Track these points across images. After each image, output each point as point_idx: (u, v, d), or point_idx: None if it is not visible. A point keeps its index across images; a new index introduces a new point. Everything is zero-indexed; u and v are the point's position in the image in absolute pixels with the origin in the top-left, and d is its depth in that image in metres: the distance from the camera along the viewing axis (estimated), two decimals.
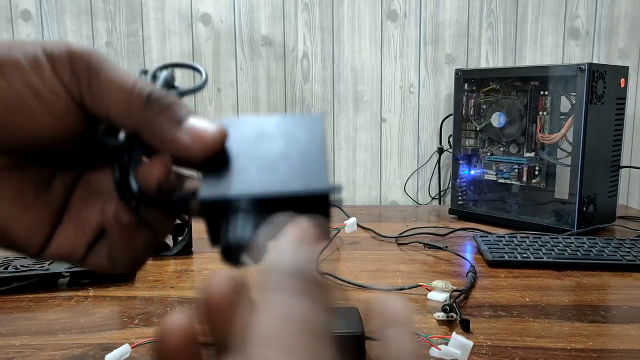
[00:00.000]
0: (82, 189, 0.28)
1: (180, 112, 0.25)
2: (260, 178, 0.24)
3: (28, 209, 0.26)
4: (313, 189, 0.24)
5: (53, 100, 0.24)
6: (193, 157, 0.24)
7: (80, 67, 0.24)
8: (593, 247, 0.86)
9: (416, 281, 0.72)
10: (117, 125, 0.25)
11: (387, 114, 1.35)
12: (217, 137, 0.25)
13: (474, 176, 1.16)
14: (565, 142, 1.01)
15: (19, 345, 0.57)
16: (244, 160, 0.25)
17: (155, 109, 0.24)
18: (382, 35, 1.32)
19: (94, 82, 0.24)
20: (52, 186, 0.27)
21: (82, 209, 0.28)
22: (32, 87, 0.23)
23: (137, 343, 0.56)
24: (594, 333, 0.60)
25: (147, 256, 0.28)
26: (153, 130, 0.24)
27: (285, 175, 0.24)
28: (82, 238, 0.27)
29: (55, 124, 0.24)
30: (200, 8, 1.31)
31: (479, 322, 0.62)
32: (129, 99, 0.24)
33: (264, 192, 0.23)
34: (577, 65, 0.97)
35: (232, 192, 0.23)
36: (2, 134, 0.23)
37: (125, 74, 0.25)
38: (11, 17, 1.29)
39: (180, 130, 0.24)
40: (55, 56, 0.24)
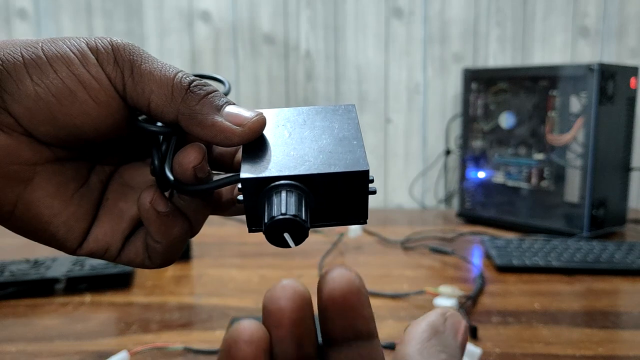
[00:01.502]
0: (117, 184, 0.29)
1: (220, 100, 0.26)
2: (300, 160, 0.25)
3: (68, 203, 0.27)
4: (354, 168, 0.24)
5: (98, 89, 0.25)
6: (233, 142, 0.25)
7: (123, 58, 0.25)
8: (603, 251, 0.85)
9: (422, 287, 0.71)
10: (158, 114, 0.26)
11: (392, 115, 1.33)
12: (257, 122, 0.26)
13: (482, 178, 1.14)
14: (575, 144, 1.00)
15: (15, 352, 0.57)
16: (283, 145, 0.26)
17: (196, 96, 0.26)
18: (387, 33, 1.31)
19: (137, 72, 0.25)
20: (89, 181, 0.28)
21: (117, 203, 0.29)
22: (79, 77, 0.24)
23: (136, 350, 0.55)
24: (604, 339, 0.59)
25: (181, 248, 0.29)
26: (194, 116, 0.25)
27: (325, 157, 0.25)
28: (118, 232, 0.28)
29: (99, 113, 0.25)
30: (200, 5, 1.29)
31: (487, 329, 0.61)
32: (171, 86, 0.25)
33: (304, 172, 0.24)
34: (587, 65, 0.95)
35: (273, 172, 0.24)
36: (50, 124, 0.25)
37: (166, 65, 0.26)
38: (7, 15, 1.28)
39: (221, 116, 0.26)
40: (100, 48, 0.25)
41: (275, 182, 0.24)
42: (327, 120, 0.28)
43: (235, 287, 0.75)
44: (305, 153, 0.25)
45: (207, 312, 0.67)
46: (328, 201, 0.25)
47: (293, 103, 1.33)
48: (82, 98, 0.25)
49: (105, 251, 0.28)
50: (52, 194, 0.26)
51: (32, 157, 0.25)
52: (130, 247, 0.29)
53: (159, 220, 0.27)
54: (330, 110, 0.28)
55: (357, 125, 0.27)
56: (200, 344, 0.57)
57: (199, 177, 0.26)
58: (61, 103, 0.24)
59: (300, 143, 0.26)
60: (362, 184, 0.24)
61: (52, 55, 0.24)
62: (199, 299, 0.71)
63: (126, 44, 0.26)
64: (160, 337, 0.59)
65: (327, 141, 0.26)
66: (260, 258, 0.86)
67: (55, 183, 0.26)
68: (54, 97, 0.24)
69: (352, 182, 0.24)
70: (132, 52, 0.26)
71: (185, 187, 0.26)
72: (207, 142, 0.26)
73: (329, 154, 0.25)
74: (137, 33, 1.30)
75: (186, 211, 0.28)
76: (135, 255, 0.29)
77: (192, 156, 0.25)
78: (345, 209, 0.25)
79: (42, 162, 0.26)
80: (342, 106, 0.29)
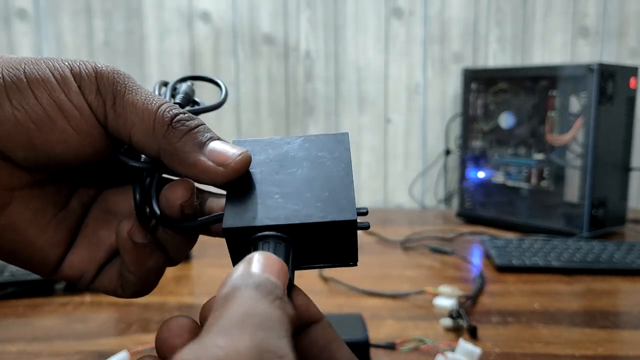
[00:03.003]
0: (99, 209, 0.28)
1: (203, 136, 0.25)
2: (286, 205, 0.24)
3: (44, 230, 0.26)
4: (340, 218, 0.23)
5: (78, 118, 0.24)
6: (216, 182, 0.25)
7: (106, 87, 0.24)
8: (603, 251, 0.85)
9: (422, 287, 0.71)
10: (139, 148, 0.25)
11: (392, 115, 1.33)
12: (241, 161, 0.25)
13: (481, 178, 1.14)
14: (574, 144, 1.00)
15: (15, 352, 0.56)
16: (268, 185, 0.25)
17: (178, 132, 0.24)
18: (387, 33, 1.31)
19: (119, 103, 0.24)
20: (70, 205, 0.27)
21: (96, 230, 0.28)
22: (59, 104, 0.24)
23: (136, 350, 0.55)
24: (604, 339, 0.59)
25: (157, 279, 0.28)
26: (175, 154, 0.24)
27: (311, 202, 0.24)
28: (94, 260, 0.28)
29: (79, 141, 0.24)
30: (200, 5, 1.29)
31: (487, 329, 0.61)
32: (153, 121, 0.24)
33: (289, 221, 0.23)
34: (587, 65, 0.95)
35: (257, 221, 0.23)
36: (29, 149, 0.24)
37: (150, 96, 0.25)
38: (7, 15, 1.28)
39: (203, 154, 0.24)
40: (83, 75, 0.24)
41: (259, 232, 0.23)
42: (318, 153, 0.26)
43: None
44: (292, 196, 0.24)
45: None
46: (316, 247, 0.24)
47: (293, 103, 1.33)
48: (62, 126, 0.24)
49: (80, 277, 0.28)
50: (28, 220, 0.26)
51: (9, 182, 0.25)
52: (104, 274, 0.28)
53: (134, 251, 0.26)
54: (322, 141, 0.27)
55: (349, 161, 0.26)
56: None
57: (186, 213, 0.25)
58: (40, 130, 0.24)
59: (288, 183, 0.25)
60: (350, 231, 0.24)
61: (34, 79, 0.23)
62: (198, 299, 0.71)
63: (110, 70, 0.25)
64: None
65: (315, 181, 0.25)
66: None
67: (32, 209, 0.26)
68: (33, 123, 0.23)
69: (339, 230, 0.24)
70: (116, 81, 0.25)
71: (171, 223, 0.26)
72: (190, 179, 0.25)
73: (316, 197, 0.24)
74: (137, 33, 1.30)
75: (166, 244, 0.28)
76: (109, 283, 0.28)
77: (179, 193, 0.25)
78: (333, 252, 0.25)
79: (20, 186, 0.25)
80: (335, 136, 0.28)
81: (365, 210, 0.25)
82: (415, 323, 0.62)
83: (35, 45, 1.28)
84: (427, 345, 0.55)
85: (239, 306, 0.18)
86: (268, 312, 0.18)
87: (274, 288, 0.19)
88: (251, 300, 0.18)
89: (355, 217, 0.23)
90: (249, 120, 1.33)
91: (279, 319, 0.18)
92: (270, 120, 1.33)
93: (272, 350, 0.16)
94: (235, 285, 0.19)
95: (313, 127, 1.33)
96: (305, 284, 0.22)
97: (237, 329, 0.17)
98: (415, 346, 0.55)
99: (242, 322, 0.17)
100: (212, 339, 0.16)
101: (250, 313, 0.17)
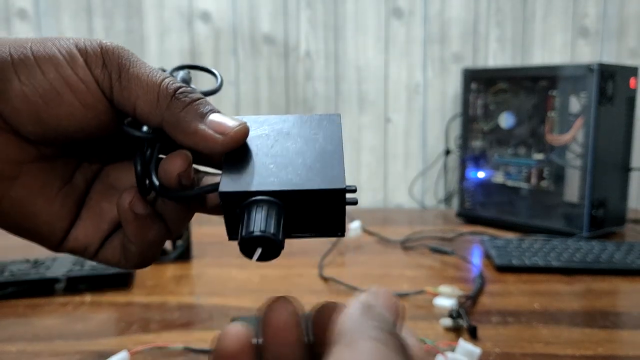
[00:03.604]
0: (101, 184, 0.29)
1: (204, 107, 0.26)
2: (279, 174, 0.25)
3: (52, 202, 0.27)
4: (330, 186, 0.24)
5: (85, 92, 0.25)
6: (215, 150, 0.26)
7: (111, 61, 0.25)
8: (603, 251, 0.85)
9: (422, 286, 0.71)
10: (143, 119, 0.26)
11: (392, 115, 1.33)
12: (239, 131, 0.26)
13: (481, 178, 1.14)
14: (574, 144, 1.00)
15: (15, 352, 0.56)
16: (264, 157, 0.26)
17: (181, 103, 0.26)
18: (387, 33, 1.31)
19: (124, 76, 0.25)
20: (74, 180, 0.29)
21: (99, 203, 0.29)
22: (65, 78, 0.25)
23: (136, 350, 0.55)
24: (604, 339, 0.59)
25: (158, 251, 0.29)
26: (177, 123, 0.25)
27: (304, 172, 0.25)
28: (98, 232, 0.29)
29: (85, 115, 0.25)
30: (200, 5, 1.29)
31: (487, 329, 0.61)
32: (157, 92, 0.25)
33: (282, 188, 0.24)
34: (587, 65, 0.95)
35: (252, 186, 0.24)
36: (37, 123, 0.25)
37: (154, 70, 0.26)
38: (7, 15, 1.28)
39: (204, 123, 0.26)
40: (88, 51, 0.25)
41: (253, 196, 0.24)
42: (311, 131, 0.28)
43: (236, 287, 0.75)
44: (286, 166, 0.26)
45: (207, 311, 0.67)
46: (306, 214, 0.25)
47: (293, 103, 1.33)
48: (69, 100, 0.25)
49: (84, 250, 0.29)
50: (36, 192, 0.27)
51: (18, 155, 0.26)
52: (108, 247, 0.29)
53: (135, 222, 0.27)
54: (315, 120, 0.29)
55: (340, 137, 0.27)
56: (200, 343, 0.57)
57: (183, 183, 0.26)
58: (48, 104, 0.24)
59: (282, 155, 0.26)
60: (339, 200, 0.25)
61: (41, 56, 0.24)
62: (199, 299, 0.71)
63: (115, 46, 0.26)
64: (160, 337, 0.59)
65: (308, 154, 0.26)
66: None
67: (40, 181, 0.27)
68: (41, 97, 0.24)
69: (328, 199, 0.25)
70: (121, 56, 0.26)
71: (168, 193, 0.27)
72: (190, 148, 0.26)
73: (308, 168, 0.25)
74: (137, 33, 1.30)
75: (166, 215, 0.29)
76: (112, 255, 0.29)
77: (177, 163, 0.26)
78: (322, 222, 0.26)
79: (28, 160, 0.26)
80: (328, 116, 0.29)
81: (354, 188, 0.26)
82: (415, 323, 0.62)
83: None
84: (427, 345, 0.55)
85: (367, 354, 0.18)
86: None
87: (391, 330, 0.20)
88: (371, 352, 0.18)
89: (344, 186, 0.24)
90: None
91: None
92: None
93: None
94: (354, 331, 0.19)
95: None
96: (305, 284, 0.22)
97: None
98: None
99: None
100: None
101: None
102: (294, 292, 0.72)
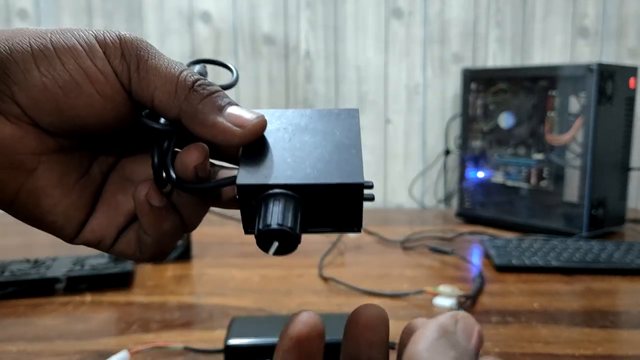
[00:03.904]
0: (117, 176, 0.29)
1: (222, 100, 0.26)
2: (297, 168, 0.25)
3: (69, 193, 0.27)
4: (348, 180, 0.24)
5: (103, 83, 0.25)
6: (233, 142, 0.26)
7: (130, 53, 0.25)
8: (602, 251, 0.85)
9: (422, 286, 0.71)
10: (161, 111, 0.26)
11: (392, 115, 1.33)
12: (257, 124, 0.26)
13: (481, 178, 1.14)
14: (574, 144, 1.00)
15: (15, 352, 0.57)
16: (282, 150, 0.26)
17: (199, 95, 0.26)
18: (387, 34, 1.31)
19: (142, 67, 0.25)
20: (90, 172, 0.29)
21: (115, 196, 0.29)
22: (85, 69, 0.25)
23: (136, 349, 0.55)
24: (603, 339, 0.59)
25: (173, 243, 0.29)
26: (196, 115, 0.25)
27: (321, 166, 0.25)
28: (113, 224, 0.29)
29: (104, 106, 0.25)
30: (200, 6, 1.29)
31: (487, 329, 0.61)
32: (175, 84, 0.25)
33: (300, 181, 0.24)
34: (586, 65, 0.96)
35: (270, 179, 0.24)
36: (56, 115, 0.25)
37: (172, 62, 0.26)
38: (7, 15, 1.28)
39: (222, 116, 0.26)
40: (108, 42, 0.25)
41: (270, 190, 0.24)
42: (329, 125, 0.28)
43: (236, 287, 0.75)
44: (303, 160, 0.25)
45: (207, 311, 0.67)
46: (322, 209, 0.25)
47: (293, 103, 1.33)
48: (88, 91, 0.25)
49: (100, 242, 0.29)
50: (54, 183, 0.27)
51: (37, 147, 0.26)
52: (123, 239, 0.29)
53: (151, 213, 0.27)
54: (333, 115, 0.28)
55: (358, 132, 0.27)
56: (200, 343, 0.57)
57: (199, 176, 0.26)
58: (67, 95, 0.25)
59: (300, 149, 0.26)
60: (357, 195, 0.25)
61: (60, 47, 0.24)
62: (199, 299, 0.71)
63: (134, 38, 0.26)
64: (160, 337, 0.59)
65: (326, 148, 0.26)
66: (260, 258, 0.86)
67: (57, 173, 0.27)
68: (60, 88, 0.24)
69: (346, 193, 0.24)
70: (140, 47, 0.26)
71: (185, 185, 0.26)
72: (207, 141, 0.26)
73: (326, 162, 0.25)
74: (138, 34, 1.28)
75: (182, 208, 0.29)
76: (127, 247, 0.29)
77: (194, 155, 0.26)
78: (339, 217, 0.25)
79: (46, 152, 0.26)
80: (346, 110, 0.29)
81: (371, 184, 0.25)
82: None
83: None
84: None
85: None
86: None
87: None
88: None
89: (362, 181, 0.24)
90: None
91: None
92: None
93: None
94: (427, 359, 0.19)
95: None
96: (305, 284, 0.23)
97: None
98: None
99: None
100: None
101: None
102: (294, 292, 0.72)
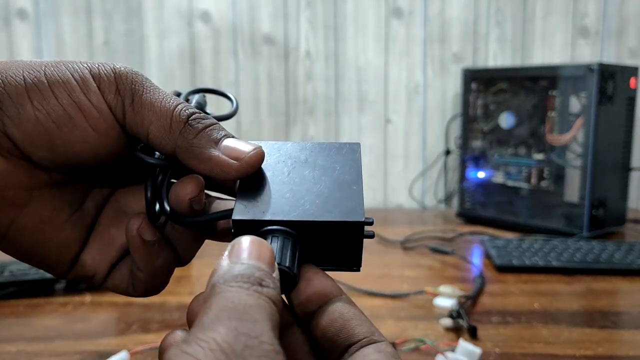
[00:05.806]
0: (111, 209, 0.29)
1: (218, 133, 0.26)
2: (296, 203, 0.24)
3: (61, 229, 0.27)
4: (348, 218, 0.23)
5: (97, 118, 0.25)
6: (229, 176, 0.25)
7: (124, 87, 0.25)
8: (603, 251, 0.85)
9: (422, 287, 0.71)
10: (156, 146, 0.26)
11: (392, 115, 1.33)
12: (254, 156, 0.25)
13: (481, 178, 1.14)
14: (574, 144, 1.00)
15: (15, 352, 0.56)
16: (280, 184, 0.25)
17: (194, 130, 0.25)
18: (387, 34, 1.31)
19: (137, 102, 0.25)
20: (84, 205, 0.28)
21: (108, 229, 0.28)
22: (79, 104, 0.24)
23: (136, 350, 0.55)
24: (604, 339, 0.59)
25: (167, 278, 0.29)
26: (192, 149, 0.25)
27: (321, 202, 0.24)
28: (106, 259, 0.28)
29: (98, 141, 0.25)
30: (200, 5, 1.29)
31: (487, 329, 0.61)
32: (170, 118, 0.25)
33: (298, 218, 0.23)
34: (587, 65, 0.95)
35: (267, 215, 0.23)
36: (49, 149, 0.24)
37: (167, 96, 0.26)
38: (7, 15, 1.28)
39: (218, 149, 0.25)
40: (102, 75, 0.25)
41: (267, 226, 0.23)
42: (329, 159, 0.27)
43: None
44: (302, 196, 0.25)
45: None
46: (321, 247, 0.24)
47: (293, 103, 1.33)
48: (82, 126, 0.24)
49: (92, 276, 0.28)
50: (46, 219, 0.26)
51: (29, 182, 0.25)
52: (116, 273, 0.29)
53: (144, 248, 0.27)
54: (334, 148, 0.28)
55: (359, 168, 0.27)
56: None
57: (195, 209, 0.26)
58: (60, 129, 0.24)
59: (299, 184, 0.25)
60: (357, 234, 0.24)
61: (54, 81, 0.24)
62: None
63: (129, 72, 0.26)
64: (160, 337, 0.59)
65: (326, 184, 0.25)
66: None
67: (50, 208, 0.26)
68: (53, 123, 0.24)
69: (346, 232, 0.24)
70: (135, 81, 0.25)
71: (179, 218, 0.26)
72: (204, 175, 0.26)
73: (325, 198, 0.24)
74: (137, 33, 1.30)
75: (175, 242, 0.28)
76: (120, 282, 0.29)
77: (189, 188, 0.25)
78: (338, 255, 0.25)
79: (38, 187, 0.26)
80: (347, 145, 0.28)
81: (372, 220, 0.25)
82: (415, 323, 0.62)
83: (35, 45, 1.28)
84: (427, 345, 0.55)
85: (217, 303, 0.19)
86: (242, 301, 0.19)
87: (252, 274, 0.20)
88: (228, 294, 0.19)
89: (363, 219, 0.24)
90: (249, 120, 1.33)
91: (255, 303, 0.19)
92: (270, 120, 1.33)
93: (246, 332, 0.18)
94: (214, 282, 0.20)
95: (313, 127, 1.33)
96: None
97: (214, 322, 0.18)
98: (415, 346, 0.55)
99: (217, 316, 0.18)
100: (194, 334, 0.18)
101: (225, 307, 0.18)
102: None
